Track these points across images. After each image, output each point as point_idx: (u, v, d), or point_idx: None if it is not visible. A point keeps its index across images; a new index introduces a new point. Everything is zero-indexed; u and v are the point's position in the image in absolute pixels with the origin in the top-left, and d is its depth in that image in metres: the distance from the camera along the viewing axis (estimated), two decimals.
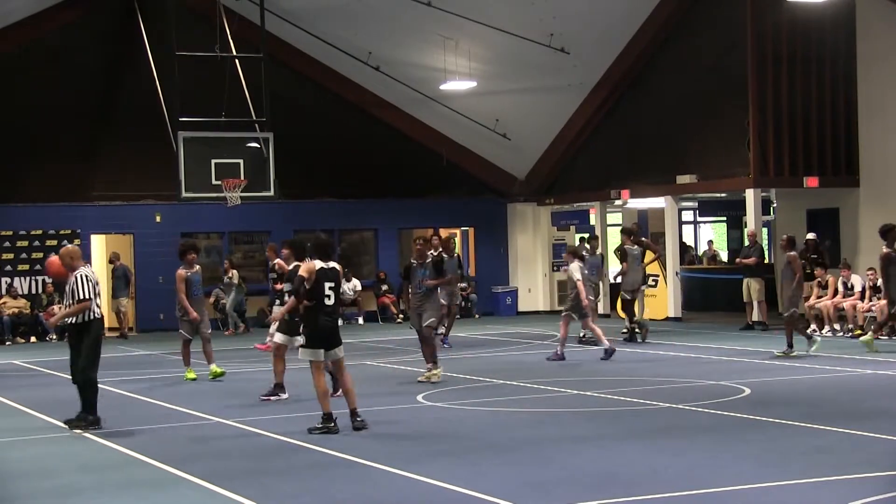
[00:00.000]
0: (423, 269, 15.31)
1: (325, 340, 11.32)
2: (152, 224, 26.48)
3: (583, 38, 24.47)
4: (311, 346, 11.32)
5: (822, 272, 21.38)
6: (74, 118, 26.05)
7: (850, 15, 23.33)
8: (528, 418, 12.08)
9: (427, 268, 15.29)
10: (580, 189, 28.26)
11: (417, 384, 14.97)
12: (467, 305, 28.97)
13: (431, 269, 15.28)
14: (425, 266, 15.32)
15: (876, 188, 23.26)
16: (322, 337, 11.29)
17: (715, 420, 11.51)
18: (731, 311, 24.88)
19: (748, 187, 23.16)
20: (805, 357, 16.92)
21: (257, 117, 22.69)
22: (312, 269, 11.28)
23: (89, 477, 9.63)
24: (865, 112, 23.37)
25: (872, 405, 12.38)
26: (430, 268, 15.29)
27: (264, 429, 11.57)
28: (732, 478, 8.73)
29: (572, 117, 27.45)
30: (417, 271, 15.36)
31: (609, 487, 8.51)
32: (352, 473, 9.37)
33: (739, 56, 23.23)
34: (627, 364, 16.99)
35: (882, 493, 8.07)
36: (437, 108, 26.93)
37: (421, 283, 15.33)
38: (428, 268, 15.29)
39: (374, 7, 24.26)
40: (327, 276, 11.34)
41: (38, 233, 25.53)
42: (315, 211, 28.12)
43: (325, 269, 11.35)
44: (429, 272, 15.25)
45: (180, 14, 22.74)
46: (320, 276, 11.28)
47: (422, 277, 15.24)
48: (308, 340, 11.38)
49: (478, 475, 9.07)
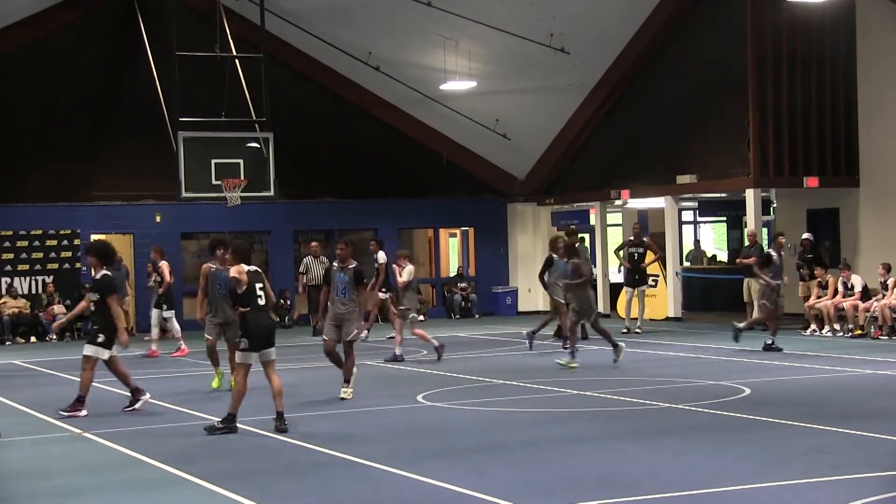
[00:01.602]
0: (343, 273, 13.99)
1: (265, 340, 11.49)
2: (152, 224, 26.48)
3: (583, 38, 24.46)
4: (252, 349, 11.43)
5: (822, 272, 21.38)
6: (74, 118, 26.05)
7: (850, 15, 23.32)
8: (528, 418, 12.08)
9: (348, 274, 13.94)
10: (580, 189, 28.26)
11: (417, 384, 14.95)
12: (467, 305, 29.01)
13: (352, 277, 13.91)
14: (346, 272, 13.99)
15: (876, 188, 23.25)
16: (262, 337, 11.47)
17: (715, 420, 11.51)
18: (731, 311, 24.88)
19: (748, 187, 23.16)
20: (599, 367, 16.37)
21: (257, 117, 22.70)
22: (242, 273, 11.39)
23: (89, 477, 9.63)
24: (865, 112, 23.37)
25: (872, 405, 12.39)
26: (351, 275, 13.92)
27: (264, 429, 11.57)
28: (732, 478, 8.73)
29: (572, 117, 27.44)
30: (337, 276, 14.04)
31: (609, 487, 8.51)
32: (352, 473, 9.37)
33: (739, 56, 23.22)
34: (627, 364, 16.98)
35: (882, 493, 8.07)
36: (437, 108, 26.93)
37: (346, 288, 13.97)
38: (348, 274, 13.93)
39: (374, 7, 24.26)
40: (256, 277, 11.55)
41: (38, 233, 25.52)
42: (315, 211, 28.13)
43: (251, 271, 11.53)
44: (348, 279, 13.89)
45: (180, 14, 22.75)
46: (250, 278, 11.43)
47: (341, 282, 13.93)
48: (250, 343, 11.42)
49: (478, 475, 9.07)
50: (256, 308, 11.51)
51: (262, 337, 11.50)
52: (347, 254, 14.15)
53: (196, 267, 27.72)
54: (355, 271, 13.95)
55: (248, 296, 11.45)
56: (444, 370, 16.51)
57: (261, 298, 11.55)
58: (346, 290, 13.85)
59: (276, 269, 27.75)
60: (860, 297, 20.44)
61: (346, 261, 14.06)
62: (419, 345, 20.95)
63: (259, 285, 11.57)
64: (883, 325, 19.77)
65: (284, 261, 27.88)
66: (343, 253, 14.13)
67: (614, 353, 16.93)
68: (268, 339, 11.56)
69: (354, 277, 13.90)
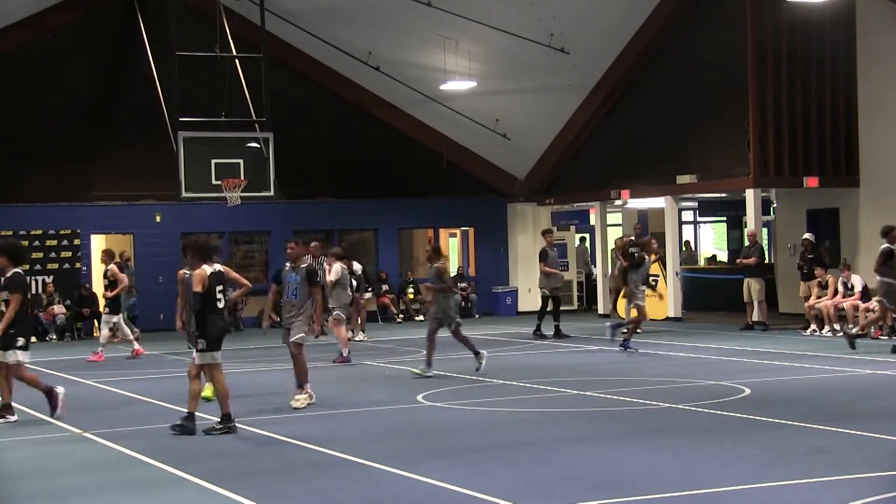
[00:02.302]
0: (294, 273, 13.30)
1: (219, 342, 11.52)
2: (152, 224, 26.48)
3: (583, 38, 24.46)
4: (212, 350, 11.42)
5: (822, 272, 21.37)
6: (74, 118, 26.06)
7: (850, 15, 23.32)
8: (528, 418, 12.08)
9: (300, 274, 13.24)
10: (580, 189, 28.25)
11: (418, 384, 14.95)
12: (467, 305, 29.01)
13: (304, 277, 13.20)
14: (297, 272, 13.30)
15: (876, 188, 23.25)
16: (220, 338, 11.51)
17: (715, 420, 11.51)
18: (731, 311, 24.89)
19: (748, 187, 23.15)
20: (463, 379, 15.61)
21: (257, 117, 22.70)
22: (204, 276, 11.37)
23: (89, 477, 9.62)
24: (865, 112, 23.37)
25: (872, 405, 12.38)
26: (303, 275, 13.21)
27: (264, 429, 11.57)
28: (732, 478, 8.73)
29: (572, 117, 27.44)
30: (288, 276, 13.37)
31: (609, 487, 8.51)
32: (352, 473, 9.37)
33: (739, 56, 23.22)
34: (627, 364, 16.99)
35: (882, 493, 8.07)
36: (437, 108, 26.93)
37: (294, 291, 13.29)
38: (300, 274, 13.23)
39: (374, 7, 24.26)
40: (217, 279, 11.50)
41: (38, 233, 25.52)
42: (315, 211, 28.14)
43: (214, 272, 11.49)
44: (300, 279, 13.19)
45: (180, 14, 22.74)
46: (211, 280, 11.39)
47: (292, 283, 13.27)
48: (208, 344, 11.40)
49: (478, 475, 9.07)
50: (214, 310, 11.45)
51: (220, 340, 11.50)
52: (298, 253, 13.51)
53: None
54: (307, 271, 13.27)
55: (207, 297, 11.37)
56: (444, 370, 16.51)
57: (219, 301, 11.50)
58: (297, 291, 13.22)
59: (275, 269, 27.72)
60: (860, 297, 20.43)
61: (298, 260, 13.42)
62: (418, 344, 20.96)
63: (219, 287, 11.49)
64: (883, 325, 19.76)
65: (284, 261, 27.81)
66: (294, 252, 13.46)
67: (476, 360, 15.95)
68: (220, 342, 11.55)
69: (307, 277, 13.22)
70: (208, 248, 11.83)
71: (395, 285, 28.50)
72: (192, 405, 11.48)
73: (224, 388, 11.53)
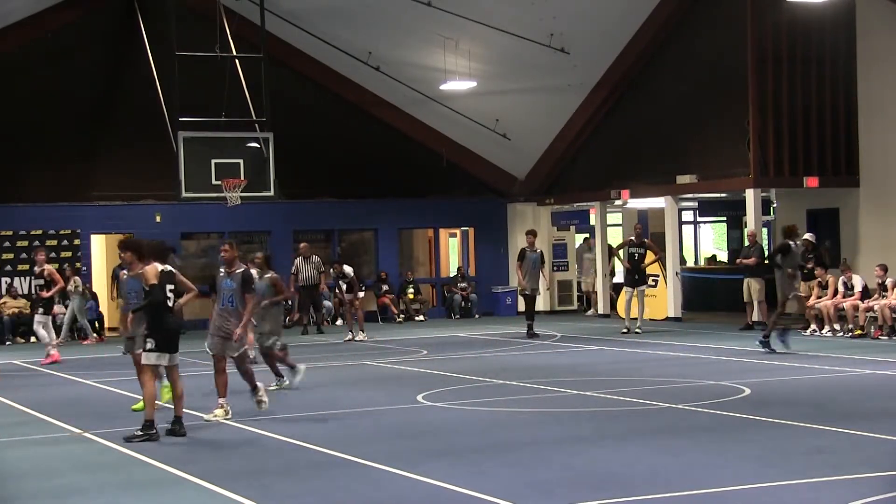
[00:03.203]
0: (229, 280, 12.36)
1: (173, 344, 11.36)
2: (152, 224, 26.45)
3: (583, 38, 24.46)
4: (161, 350, 11.25)
5: (822, 272, 21.37)
6: (74, 118, 26.05)
7: (850, 15, 23.32)
8: (528, 418, 12.08)
9: (235, 280, 12.31)
10: (580, 189, 28.25)
11: (417, 384, 14.94)
12: (467, 306, 29.01)
13: (239, 283, 12.29)
14: (233, 278, 12.36)
15: (876, 188, 23.25)
16: (171, 339, 11.33)
17: (715, 420, 11.51)
18: (731, 311, 24.89)
19: (748, 187, 23.15)
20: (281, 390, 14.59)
21: (257, 117, 22.70)
22: (157, 271, 11.26)
23: (89, 477, 9.63)
24: (865, 112, 23.37)
25: (872, 405, 12.38)
26: (238, 281, 12.29)
27: (264, 429, 11.58)
28: (732, 478, 8.73)
29: (572, 117, 27.43)
30: (223, 282, 12.40)
31: (609, 487, 8.51)
32: (352, 473, 9.37)
33: (739, 56, 23.22)
34: (627, 364, 17.00)
35: (882, 493, 8.07)
36: (437, 108, 26.92)
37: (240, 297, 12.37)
38: (236, 280, 12.30)
39: (374, 7, 24.26)
40: (168, 278, 11.36)
41: (38, 233, 25.51)
42: (315, 211, 28.13)
43: (164, 271, 11.33)
44: (236, 285, 12.28)
45: (180, 14, 22.74)
46: (161, 278, 11.26)
47: (227, 289, 12.34)
48: (158, 344, 11.24)
49: (478, 475, 9.07)
50: (166, 310, 11.30)
51: (171, 341, 11.34)
52: (233, 256, 12.49)
53: (195, 268, 27.86)
54: (243, 277, 12.35)
55: (159, 296, 11.22)
56: (444, 370, 16.52)
57: (169, 300, 11.34)
58: (232, 299, 12.31)
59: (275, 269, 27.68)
60: (860, 297, 20.44)
61: (233, 265, 12.45)
62: (418, 344, 20.96)
63: (170, 287, 11.34)
64: (883, 325, 19.77)
65: (284, 261, 27.85)
66: (228, 255, 12.47)
67: (291, 373, 14.72)
68: (174, 343, 11.40)
69: (242, 284, 12.33)
70: (163, 249, 11.66)
71: (394, 285, 28.49)
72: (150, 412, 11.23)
73: (152, 393, 11.30)
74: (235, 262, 12.43)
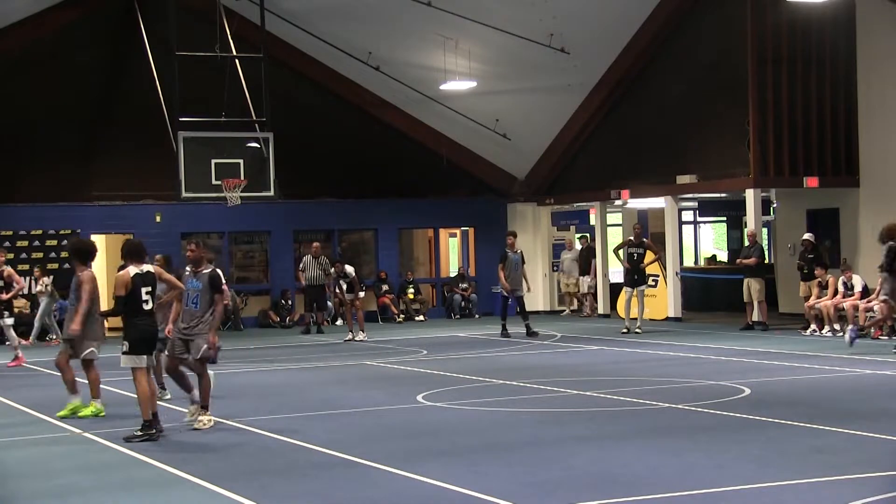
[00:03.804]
0: (195, 280, 12.00)
1: (148, 345, 11.34)
2: (152, 224, 26.46)
3: (583, 38, 24.45)
4: (134, 353, 11.24)
5: (822, 272, 21.37)
6: (74, 118, 26.05)
7: (850, 15, 23.32)
8: (528, 418, 12.07)
9: (201, 280, 11.96)
10: (580, 189, 28.25)
11: (417, 384, 14.95)
12: (467, 306, 29.00)
13: (206, 283, 11.93)
14: (199, 278, 12.00)
15: (876, 188, 23.25)
16: (145, 341, 11.30)
17: (715, 420, 11.51)
18: (731, 311, 24.89)
19: (748, 187, 23.15)
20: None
21: (257, 117, 22.69)
22: (126, 279, 11.17)
23: (89, 477, 9.63)
24: (865, 112, 23.37)
25: (872, 405, 12.38)
26: (205, 282, 11.94)
27: (264, 429, 11.57)
28: (732, 478, 8.73)
29: (572, 117, 27.44)
30: (189, 282, 12.02)
31: (609, 487, 8.51)
32: (352, 473, 9.37)
33: (739, 56, 23.22)
34: (627, 364, 17.00)
35: (882, 493, 8.06)
36: (437, 108, 26.92)
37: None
38: (203, 280, 11.95)
39: (374, 7, 24.25)
40: (143, 280, 11.28)
41: (38, 233, 25.52)
42: (315, 211, 28.14)
43: (139, 273, 11.26)
44: (202, 286, 11.93)
45: (180, 14, 22.72)
46: (135, 281, 11.19)
47: (192, 290, 11.97)
48: (131, 347, 11.23)
49: (478, 475, 9.06)
50: (140, 313, 11.24)
51: (144, 343, 11.28)
52: (199, 256, 12.17)
53: None
54: (210, 277, 12.00)
55: (131, 299, 11.18)
56: (444, 370, 16.51)
57: (146, 303, 11.25)
58: (197, 299, 11.96)
59: (275, 268, 27.79)
60: (860, 298, 20.43)
61: (200, 264, 12.12)
62: (418, 344, 20.96)
63: (146, 289, 11.24)
64: (883, 325, 19.76)
65: (284, 261, 27.89)
66: (194, 255, 12.17)
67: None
68: (150, 345, 11.34)
69: (209, 284, 11.97)
70: (141, 249, 11.52)
71: (394, 285, 28.50)
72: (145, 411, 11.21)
73: (146, 393, 11.24)
74: (202, 262, 12.12)
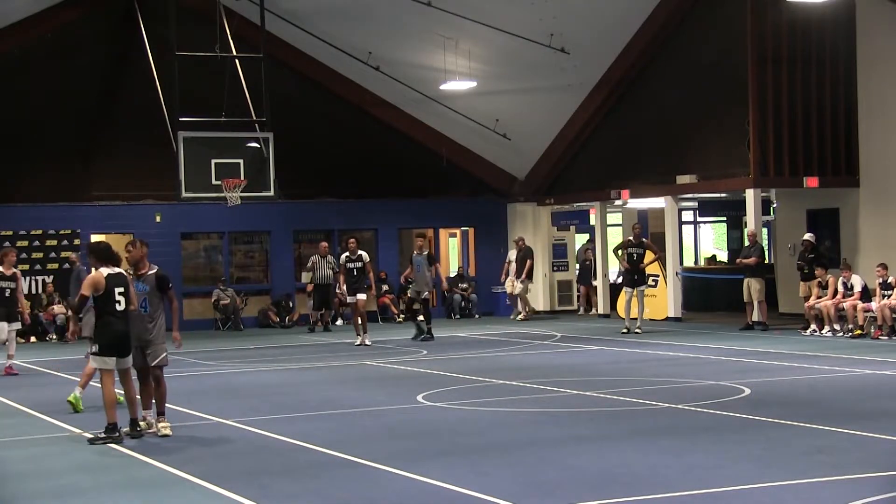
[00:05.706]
0: (141, 282, 11.47)
1: (118, 348, 11.15)
2: (152, 224, 26.47)
3: (583, 38, 24.45)
4: (103, 354, 11.12)
5: (822, 272, 21.37)
6: (74, 118, 26.05)
7: (850, 15, 23.32)
8: (528, 418, 12.07)
9: (147, 282, 11.46)
10: (580, 189, 28.24)
11: (417, 384, 14.95)
12: (467, 305, 29.00)
13: (153, 285, 11.45)
14: (145, 280, 11.49)
15: (876, 188, 23.25)
16: (115, 345, 11.13)
17: (715, 420, 11.51)
18: (731, 311, 24.89)
19: (748, 187, 23.15)
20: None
21: (257, 117, 22.69)
22: (98, 281, 11.04)
23: (89, 477, 9.62)
24: (865, 112, 23.37)
25: (872, 405, 12.38)
26: (152, 284, 11.46)
27: (264, 429, 11.57)
28: (732, 478, 8.73)
29: (572, 117, 27.43)
30: (135, 285, 11.45)
31: (609, 487, 8.51)
32: (352, 473, 9.37)
33: (739, 56, 23.22)
34: (627, 364, 17.00)
35: (882, 493, 8.07)
36: (437, 108, 26.92)
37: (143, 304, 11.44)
38: (149, 283, 11.46)
39: (374, 7, 24.25)
40: (116, 281, 11.12)
41: (38, 233, 25.53)
42: (315, 211, 28.14)
43: (112, 274, 11.11)
44: (149, 288, 11.43)
45: (180, 14, 22.73)
46: (108, 281, 11.05)
47: (139, 294, 11.40)
48: (101, 349, 11.11)
49: (478, 475, 9.07)
50: (113, 313, 11.08)
51: (114, 346, 11.11)
52: (139, 256, 11.58)
53: (195, 268, 27.87)
54: (157, 278, 11.48)
55: (105, 300, 11.05)
56: (444, 370, 16.51)
57: (119, 304, 11.08)
58: (146, 302, 11.45)
59: (275, 268, 27.79)
60: (860, 297, 20.44)
61: (140, 265, 11.55)
62: (418, 344, 20.97)
63: (119, 289, 11.09)
64: (883, 325, 19.77)
65: (284, 260, 27.90)
66: (134, 255, 11.59)
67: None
68: (120, 348, 11.15)
69: (157, 286, 11.48)
70: (110, 251, 11.26)
71: (395, 285, 28.49)
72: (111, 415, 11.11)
73: (111, 397, 11.13)
74: (143, 263, 11.57)
